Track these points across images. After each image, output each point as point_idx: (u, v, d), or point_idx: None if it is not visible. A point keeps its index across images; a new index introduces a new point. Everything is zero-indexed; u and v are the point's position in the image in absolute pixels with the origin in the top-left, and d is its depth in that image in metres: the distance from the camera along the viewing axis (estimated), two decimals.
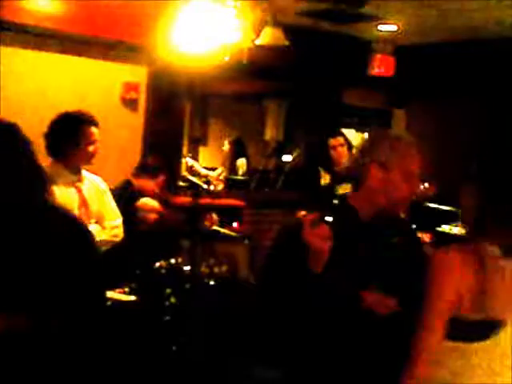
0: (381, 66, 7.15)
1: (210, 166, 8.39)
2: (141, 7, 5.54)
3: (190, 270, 4.50)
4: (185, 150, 7.64)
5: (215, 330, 4.75)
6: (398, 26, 6.46)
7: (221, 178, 7.73)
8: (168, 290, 4.57)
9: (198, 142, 9.11)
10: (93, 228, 3.56)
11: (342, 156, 5.36)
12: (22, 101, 5.33)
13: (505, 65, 6.59)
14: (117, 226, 3.71)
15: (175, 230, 4.62)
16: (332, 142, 5.38)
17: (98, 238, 3.55)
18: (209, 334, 4.66)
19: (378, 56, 7.15)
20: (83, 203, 3.59)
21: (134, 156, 5.96)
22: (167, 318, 4.49)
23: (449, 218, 6.06)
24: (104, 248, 3.65)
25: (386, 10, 5.90)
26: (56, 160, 3.57)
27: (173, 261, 4.74)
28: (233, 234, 5.16)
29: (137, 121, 5.95)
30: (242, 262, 5.71)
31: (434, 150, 7.53)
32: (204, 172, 7.74)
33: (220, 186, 7.35)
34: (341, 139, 5.39)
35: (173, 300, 4.54)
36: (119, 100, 5.83)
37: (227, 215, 5.68)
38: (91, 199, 3.63)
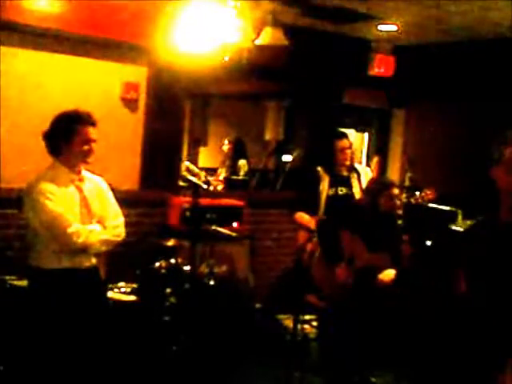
0: (381, 66, 7.15)
1: (210, 166, 8.39)
2: (141, 7, 5.53)
3: (190, 270, 4.50)
4: (185, 149, 7.65)
5: (215, 329, 4.75)
6: (398, 26, 6.46)
7: (221, 178, 7.73)
8: (168, 290, 4.57)
9: (198, 142, 9.11)
10: (95, 227, 3.57)
11: (348, 158, 5.31)
12: (22, 101, 5.33)
13: (504, 65, 6.59)
14: (118, 226, 3.71)
15: None
16: (340, 144, 5.28)
17: (100, 238, 3.57)
18: (209, 333, 4.66)
19: (378, 56, 7.14)
20: (84, 202, 3.59)
21: (134, 156, 5.97)
22: (167, 318, 4.49)
23: (449, 218, 6.06)
24: (106, 248, 3.66)
25: (386, 10, 5.90)
26: (56, 159, 3.59)
27: (173, 261, 4.75)
28: (233, 234, 5.16)
29: (137, 121, 5.95)
30: (241, 262, 5.71)
31: (434, 149, 7.56)
32: (202, 173, 7.72)
33: (220, 186, 7.35)
34: (347, 141, 5.34)
35: (173, 300, 4.54)
36: (119, 100, 5.83)
37: (227, 215, 5.69)
38: (92, 199, 3.64)
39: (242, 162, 8.00)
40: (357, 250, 4.56)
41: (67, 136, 3.53)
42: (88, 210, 3.59)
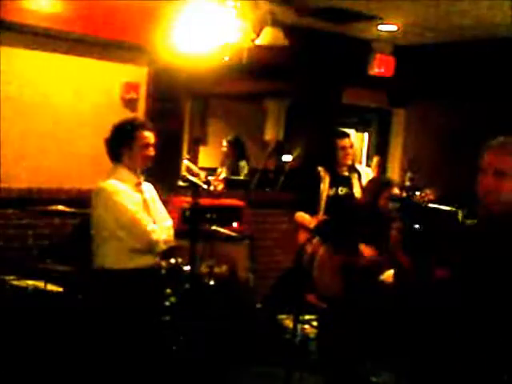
0: (381, 66, 7.15)
1: (210, 166, 8.38)
2: (141, 7, 5.53)
3: (190, 270, 4.50)
4: (185, 149, 7.64)
5: (215, 329, 4.75)
6: (398, 26, 6.46)
7: (220, 178, 7.71)
8: (168, 290, 4.57)
9: (198, 142, 9.10)
10: (155, 227, 3.73)
11: (349, 158, 5.31)
12: (22, 101, 5.32)
13: (504, 65, 6.59)
14: (169, 228, 3.90)
15: None
16: (341, 142, 5.27)
17: (163, 237, 3.74)
18: (209, 333, 4.66)
19: (378, 56, 7.15)
20: (145, 204, 3.78)
21: None
22: (167, 317, 4.49)
23: (449, 218, 6.04)
24: (165, 247, 3.84)
25: (386, 10, 5.90)
26: (117, 164, 3.77)
27: (173, 261, 4.75)
28: (233, 234, 5.15)
29: None
30: (241, 262, 5.71)
31: (434, 149, 7.56)
32: (202, 173, 7.72)
33: (220, 186, 7.34)
34: (348, 140, 5.33)
35: (173, 300, 4.54)
36: (119, 100, 5.83)
37: (227, 215, 5.68)
38: (150, 201, 3.83)
39: (243, 163, 7.99)
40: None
41: (129, 142, 3.70)
42: (148, 211, 3.76)
